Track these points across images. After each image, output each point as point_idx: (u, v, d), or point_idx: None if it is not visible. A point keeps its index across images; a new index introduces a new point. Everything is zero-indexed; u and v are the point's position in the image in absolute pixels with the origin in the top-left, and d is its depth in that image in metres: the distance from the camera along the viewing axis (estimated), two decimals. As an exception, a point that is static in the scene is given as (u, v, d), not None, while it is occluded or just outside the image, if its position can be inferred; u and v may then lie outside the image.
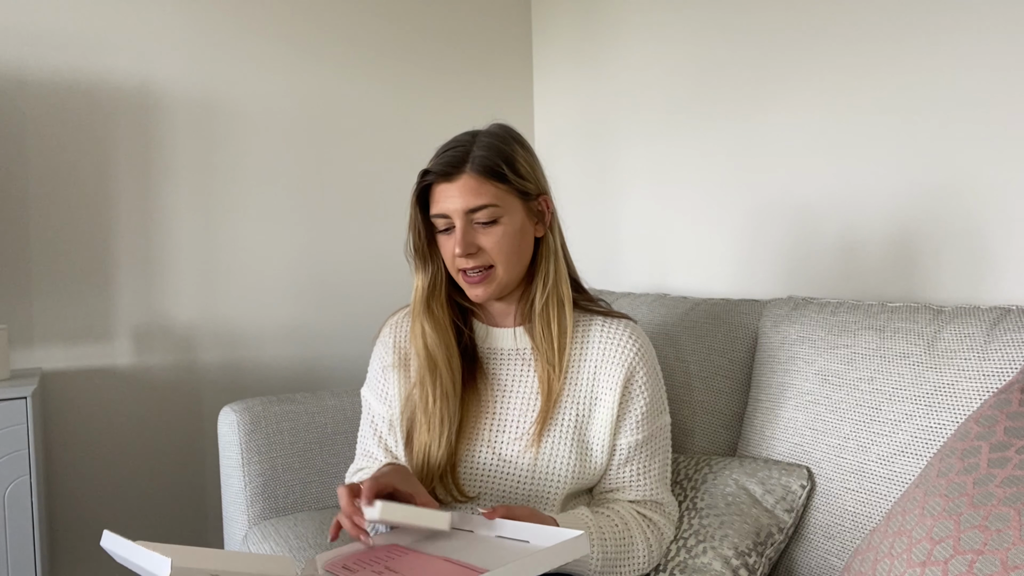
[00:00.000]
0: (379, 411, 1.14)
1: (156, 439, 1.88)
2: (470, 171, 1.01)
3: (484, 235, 1.02)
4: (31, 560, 1.45)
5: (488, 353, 1.11)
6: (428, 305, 1.07)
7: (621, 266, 2.04)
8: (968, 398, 0.99)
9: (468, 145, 1.04)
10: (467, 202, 1.00)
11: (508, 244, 1.03)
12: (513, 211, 1.03)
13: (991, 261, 1.22)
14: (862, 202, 1.42)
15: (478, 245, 1.02)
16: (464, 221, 1.01)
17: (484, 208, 1.01)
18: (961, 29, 1.24)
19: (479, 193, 1.00)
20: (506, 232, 1.03)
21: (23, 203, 1.73)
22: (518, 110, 2.38)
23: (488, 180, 1.01)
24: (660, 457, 1.10)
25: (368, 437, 1.15)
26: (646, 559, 1.04)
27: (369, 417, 1.16)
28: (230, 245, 1.96)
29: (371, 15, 2.13)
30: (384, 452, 1.13)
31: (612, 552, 1.00)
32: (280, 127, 2.01)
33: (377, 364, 1.15)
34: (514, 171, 1.03)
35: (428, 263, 1.07)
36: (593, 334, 1.09)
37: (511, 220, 1.03)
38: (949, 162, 1.27)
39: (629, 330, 1.09)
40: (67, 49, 1.76)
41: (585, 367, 1.07)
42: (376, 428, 1.14)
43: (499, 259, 1.03)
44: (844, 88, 1.44)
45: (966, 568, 0.66)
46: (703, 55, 1.76)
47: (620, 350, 1.07)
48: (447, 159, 1.02)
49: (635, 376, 1.06)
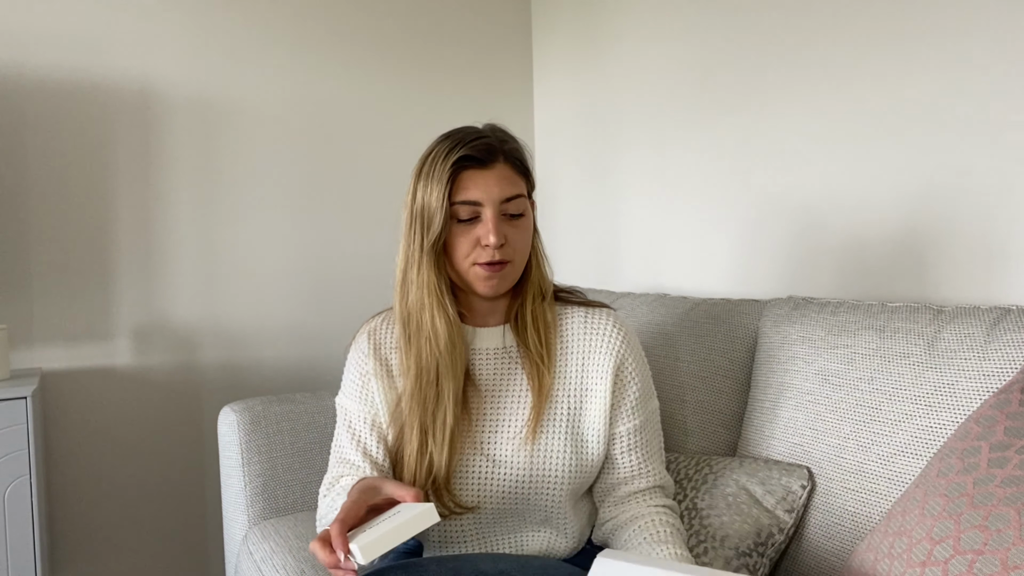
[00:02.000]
0: (358, 412, 1.06)
1: (156, 439, 1.88)
2: (504, 161, 1.00)
3: (512, 227, 1.00)
4: (31, 560, 1.45)
5: (474, 355, 1.07)
6: (447, 297, 1.01)
7: (621, 266, 2.04)
8: (968, 398, 0.99)
9: (493, 135, 1.01)
10: (504, 191, 0.98)
11: (527, 241, 1.03)
12: (529, 208, 1.05)
13: (995, 261, 1.22)
14: (861, 203, 1.42)
15: (506, 236, 1.00)
16: (497, 210, 0.98)
17: (517, 198, 1.00)
18: (965, 28, 1.24)
19: (514, 183, 1.00)
20: (527, 228, 1.03)
21: (23, 203, 1.73)
22: (518, 110, 2.38)
23: (519, 172, 1.02)
24: (656, 440, 1.11)
25: (345, 443, 1.07)
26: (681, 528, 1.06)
27: (346, 422, 1.08)
28: (230, 245, 1.96)
29: (371, 16, 2.13)
30: (362, 455, 1.04)
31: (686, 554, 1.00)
32: (280, 127, 2.01)
33: (355, 372, 1.08)
34: (530, 169, 1.05)
35: (440, 256, 1.01)
36: (575, 325, 1.08)
37: (529, 217, 1.04)
38: (950, 162, 1.27)
39: (612, 319, 1.09)
40: (67, 49, 1.76)
41: (572, 359, 1.07)
42: (354, 431, 1.06)
43: (519, 254, 1.02)
44: (844, 88, 1.44)
45: (966, 568, 0.66)
46: (703, 55, 1.76)
47: (607, 339, 1.06)
48: (482, 145, 0.98)
49: (625, 364, 1.06)
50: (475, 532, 1.05)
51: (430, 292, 1.00)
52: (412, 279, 1.01)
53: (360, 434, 1.05)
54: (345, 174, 2.10)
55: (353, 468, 1.04)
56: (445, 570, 0.87)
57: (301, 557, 1.27)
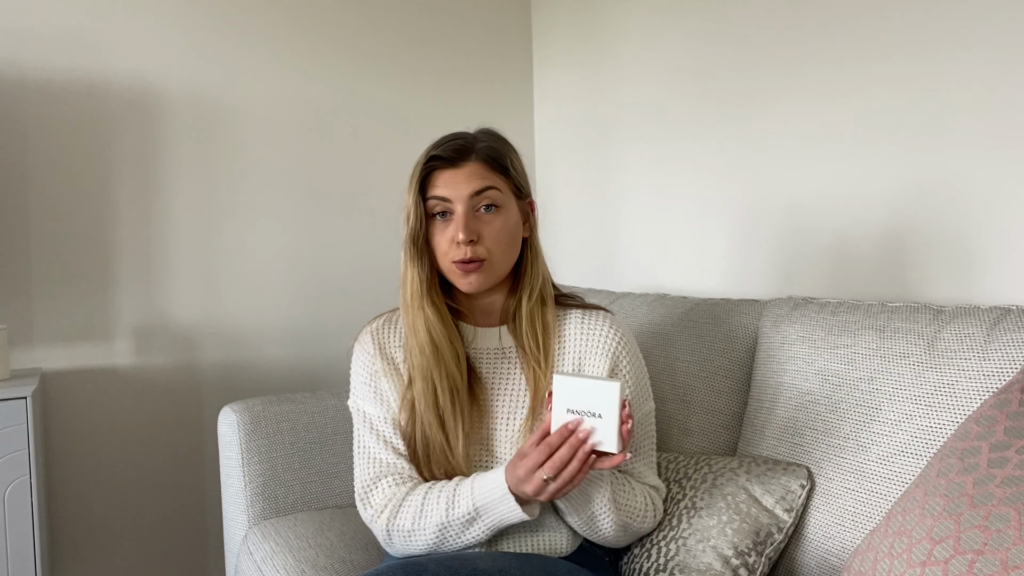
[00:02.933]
0: (377, 413, 1.08)
1: (156, 439, 1.88)
2: (476, 159, 1.03)
3: (484, 223, 1.03)
4: (31, 560, 1.45)
5: (476, 354, 1.10)
6: (430, 296, 1.05)
7: (621, 266, 2.04)
8: (968, 398, 0.99)
9: (470, 137, 1.06)
10: (472, 185, 1.01)
11: (505, 235, 1.04)
12: (510, 204, 1.05)
13: (984, 262, 1.23)
14: (859, 204, 1.42)
15: (479, 232, 1.02)
16: (467, 206, 1.01)
17: (488, 190, 1.02)
18: (953, 33, 1.25)
19: (484, 177, 1.02)
20: (504, 223, 1.04)
21: (23, 203, 1.73)
22: (518, 111, 2.38)
23: (492, 169, 1.04)
24: (647, 443, 1.12)
25: (372, 444, 1.08)
26: (643, 507, 1.06)
27: (367, 425, 1.09)
28: (230, 245, 1.96)
29: (371, 17, 2.13)
30: (393, 453, 1.06)
31: (619, 490, 1.03)
32: (280, 127, 2.01)
33: (364, 374, 1.10)
34: (513, 166, 1.06)
35: (423, 255, 1.04)
36: (572, 326, 1.10)
37: (508, 212, 1.05)
38: (942, 164, 1.28)
39: (608, 320, 1.10)
40: (67, 49, 1.76)
41: (567, 360, 1.08)
42: (378, 432, 1.08)
43: (495, 249, 1.03)
44: (839, 91, 1.44)
45: (966, 568, 0.66)
46: (703, 58, 1.76)
47: (603, 340, 1.08)
48: (454, 146, 1.03)
49: (619, 365, 1.08)
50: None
51: (414, 293, 1.05)
52: (402, 278, 1.06)
53: (384, 434, 1.08)
54: (345, 174, 2.10)
55: (387, 467, 1.07)
56: (444, 569, 0.87)
57: (301, 557, 1.27)
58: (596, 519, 1.01)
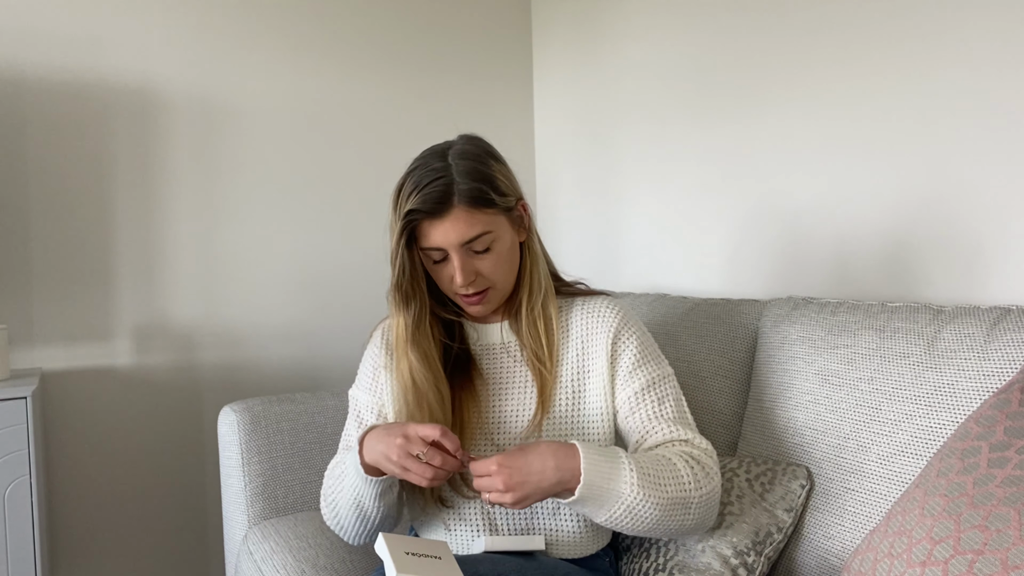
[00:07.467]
0: (367, 402, 1.13)
1: (156, 439, 1.88)
2: (458, 204, 0.97)
3: (481, 261, 1.03)
4: (31, 560, 1.45)
5: (481, 350, 1.12)
6: (414, 340, 1.04)
7: (621, 266, 2.04)
8: (968, 398, 0.99)
9: (447, 173, 0.98)
10: (462, 235, 0.99)
11: (504, 265, 1.04)
12: (503, 231, 1.03)
13: (984, 262, 1.23)
14: (858, 205, 1.42)
15: (476, 272, 1.03)
16: (461, 252, 1.00)
17: (479, 237, 1.00)
18: (954, 34, 1.25)
19: (471, 224, 0.99)
20: (500, 254, 1.03)
21: (23, 203, 1.73)
22: (518, 110, 2.38)
23: (477, 209, 0.99)
24: (671, 402, 1.05)
25: (352, 430, 1.14)
26: (691, 478, 0.95)
27: (355, 411, 1.15)
28: (230, 245, 1.96)
29: (371, 18, 2.13)
30: None
31: (649, 467, 0.94)
32: (280, 127, 2.01)
33: (369, 364, 1.15)
34: (497, 192, 1.01)
35: (411, 299, 1.04)
36: (575, 315, 1.11)
37: (503, 241, 1.04)
38: (942, 165, 1.28)
39: (607, 302, 1.11)
40: (67, 49, 1.76)
41: (571, 348, 1.09)
42: (361, 420, 1.13)
43: (497, 279, 1.05)
44: (839, 92, 1.44)
45: (966, 568, 0.66)
46: (703, 58, 1.76)
47: (602, 321, 1.09)
48: (431, 195, 0.97)
49: (620, 334, 1.08)
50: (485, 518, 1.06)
51: (399, 338, 1.06)
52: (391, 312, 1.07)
53: (367, 422, 1.13)
54: (345, 175, 2.10)
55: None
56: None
57: (301, 557, 1.27)
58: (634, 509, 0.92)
